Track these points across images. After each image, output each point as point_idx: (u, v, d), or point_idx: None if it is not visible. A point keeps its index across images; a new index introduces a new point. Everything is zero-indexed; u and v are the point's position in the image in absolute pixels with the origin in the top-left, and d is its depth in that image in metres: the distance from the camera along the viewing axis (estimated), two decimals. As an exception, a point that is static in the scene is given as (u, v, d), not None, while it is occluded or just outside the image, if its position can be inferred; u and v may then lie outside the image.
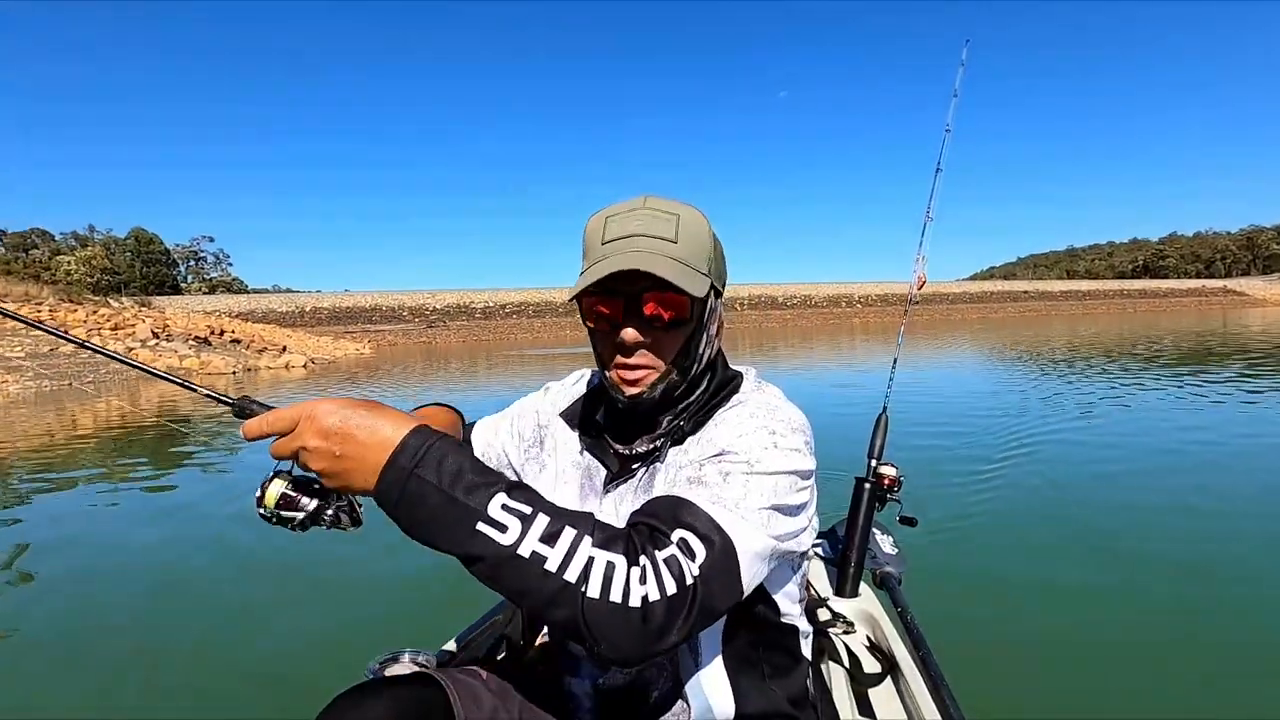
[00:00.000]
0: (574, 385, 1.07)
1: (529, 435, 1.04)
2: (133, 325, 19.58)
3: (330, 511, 0.73)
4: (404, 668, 1.00)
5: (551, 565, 0.62)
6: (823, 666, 1.35)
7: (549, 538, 0.62)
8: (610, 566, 0.63)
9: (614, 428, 0.94)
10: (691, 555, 0.67)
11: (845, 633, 1.39)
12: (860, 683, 1.31)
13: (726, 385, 0.91)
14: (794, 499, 0.79)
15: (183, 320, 23.73)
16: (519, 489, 0.65)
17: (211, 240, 76.82)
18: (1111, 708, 1.90)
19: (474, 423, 1.13)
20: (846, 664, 1.35)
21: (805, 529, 0.83)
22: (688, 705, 0.85)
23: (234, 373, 16.25)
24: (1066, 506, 3.72)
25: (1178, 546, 3.04)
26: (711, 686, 0.85)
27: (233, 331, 23.31)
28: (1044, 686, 1.99)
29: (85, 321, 19.21)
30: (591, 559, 0.63)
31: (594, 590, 0.62)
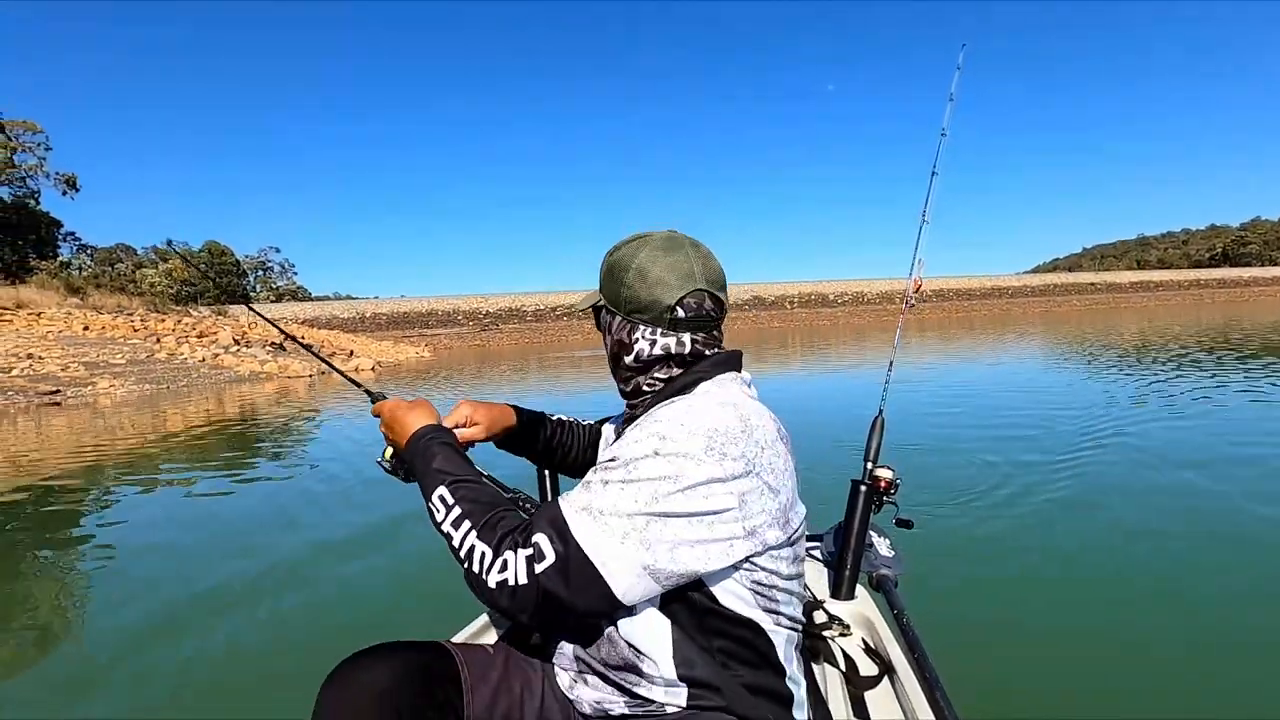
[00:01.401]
0: None
1: (618, 423, 1.27)
2: (215, 333, 20.90)
3: (391, 465, 1.18)
4: None
5: (455, 543, 0.88)
6: (817, 669, 1.33)
7: (455, 523, 0.89)
8: (482, 555, 0.85)
9: None
10: (541, 558, 0.81)
11: (841, 635, 1.38)
12: (855, 685, 1.30)
13: (683, 387, 0.96)
14: (684, 505, 0.80)
15: (260, 328, 25.14)
16: (461, 484, 0.94)
17: (278, 250, 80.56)
18: (1108, 709, 1.90)
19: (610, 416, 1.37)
20: (842, 666, 1.34)
21: (721, 535, 0.82)
22: (644, 676, 0.90)
23: (310, 376, 17.18)
24: (1068, 509, 3.67)
25: (1178, 547, 3.04)
26: (661, 658, 0.89)
27: (303, 337, 24.57)
28: (1040, 689, 2.00)
29: (173, 330, 20.60)
30: (472, 546, 0.86)
31: (474, 567, 0.85)
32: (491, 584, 0.82)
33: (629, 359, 1.00)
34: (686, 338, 0.97)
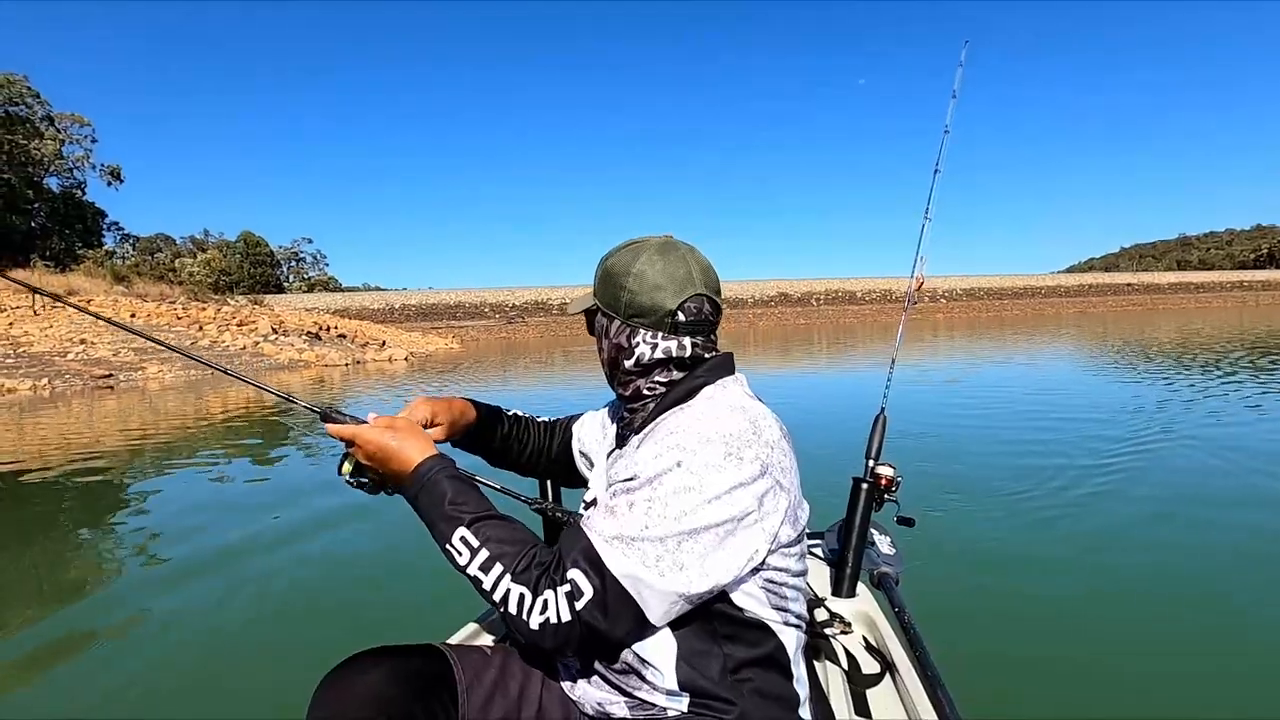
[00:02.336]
0: None
1: (604, 424, 1.24)
2: (254, 322, 21.55)
3: (388, 487, 1.04)
4: None
5: (486, 587, 0.86)
6: (819, 667, 1.33)
7: (484, 567, 0.86)
8: (521, 597, 0.83)
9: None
10: (579, 595, 0.82)
11: (842, 633, 1.38)
12: (857, 683, 1.30)
13: (686, 392, 0.96)
14: (711, 516, 0.82)
15: (295, 318, 25.84)
16: (479, 521, 0.89)
17: (310, 241, 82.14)
18: (1110, 708, 1.90)
19: (578, 415, 1.35)
20: (844, 665, 1.34)
21: (748, 545, 0.85)
22: (646, 682, 0.90)
23: (345, 365, 17.67)
24: (1068, 508, 3.68)
25: (1178, 548, 3.05)
26: (665, 667, 0.89)
27: (336, 327, 25.19)
28: (1042, 687, 2.00)
29: (214, 318, 21.28)
30: (508, 590, 0.84)
31: (511, 610, 0.84)
32: (534, 626, 0.83)
33: (629, 363, 1.00)
34: (687, 341, 0.98)
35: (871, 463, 1.72)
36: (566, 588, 0.82)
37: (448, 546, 0.89)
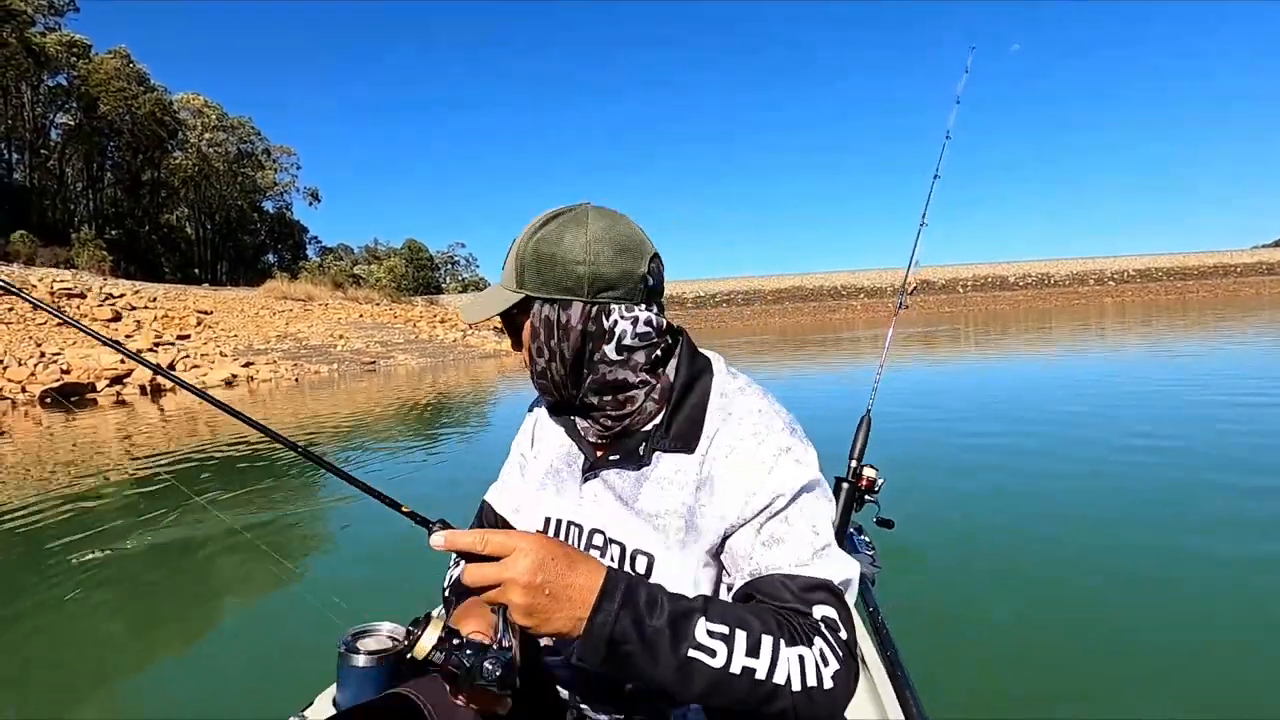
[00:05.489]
0: None
1: (526, 448, 1.03)
2: (453, 319, 25.22)
3: (489, 665, 0.68)
4: (377, 641, 0.98)
5: (761, 674, 0.67)
6: None
7: (751, 650, 0.68)
8: (802, 661, 0.69)
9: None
10: (837, 627, 0.73)
11: None
12: None
13: (691, 388, 0.86)
14: (829, 493, 0.83)
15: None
16: (711, 605, 0.70)
17: (463, 245, 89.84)
18: (1078, 710, 1.92)
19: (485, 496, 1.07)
20: None
21: None
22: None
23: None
24: (1046, 510, 3.64)
25: (1153, 549, 3.02)
26: None
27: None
28: (1008, 690, 2.02)
29: (422, 316, 25.16)
30: (789, 659, 0.69)
31: (797, 684, 0.68)
32: (829, 684, 0.70)
33: (608, 348, 0.83)
34: (654, 309, 0.85)
35: (854, 463, 1.73)
36: (824, 629, 0.72)
37: (692, 654, 0.67)
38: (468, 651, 0.68)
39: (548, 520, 0.93)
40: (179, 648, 2.64)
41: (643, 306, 0.84)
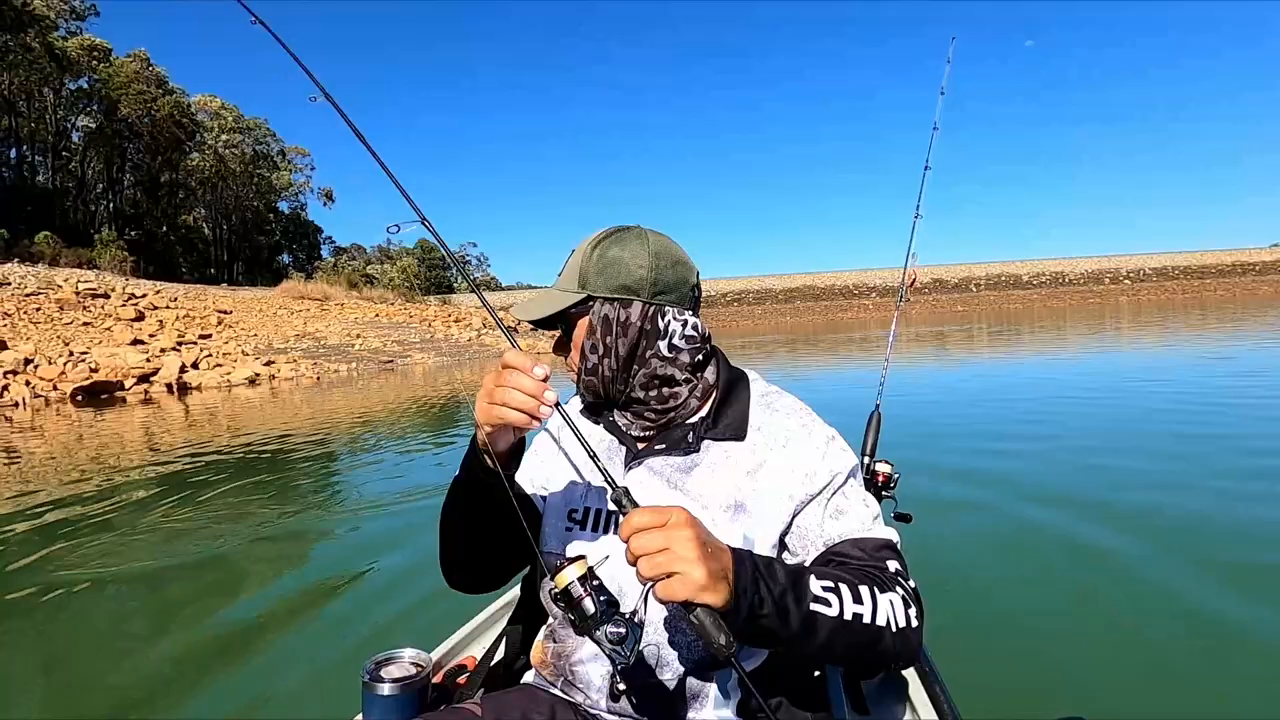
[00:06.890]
0: None
1: (545, 443, 1.06)
2: (468, 318, 25.48)
3: (614, 627, 0.69)
4: (400, 668, 0.98)
5: (867, 618, 0.77)
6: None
7: (857, 599, 0.77)
8: (892, 605, 0.79)
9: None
10: (907, 577, 0.84)
11: None
12: (854, 681, 1.28)
13: (733, 386, 0.97)
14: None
15: (481, 314, 29.90)
16: (813, 567, 0.82)
17: (475, 245, 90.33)
18: (1111, 708, 1.88)
19: None
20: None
21: None
22: (706, 692, 0.89)
23: (539, 354, 20.82)
24: (1072, 504, 3.56)
25: (1183, 544, 2.95)
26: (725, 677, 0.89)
27: (519, 322, 28.86)
28: (1041, 686, 1.99)
29: (436, 316, 25.43)
30: (885, 603, 0.78)
31: (895, 625, 0.78)
32: (914, 623, 0.81)
33: (662, 344, 0.92)
34: (699, 317, 0.96)
35: (867, 459, 1.75)
36: (900, 578, 0.83)
37: (814, 607, 0.74)
38: (602, 598, 0.70)
39: (586, 510, 0.97)
40: (194, 675, 2.38)
41: (690, 313, 0.94)
